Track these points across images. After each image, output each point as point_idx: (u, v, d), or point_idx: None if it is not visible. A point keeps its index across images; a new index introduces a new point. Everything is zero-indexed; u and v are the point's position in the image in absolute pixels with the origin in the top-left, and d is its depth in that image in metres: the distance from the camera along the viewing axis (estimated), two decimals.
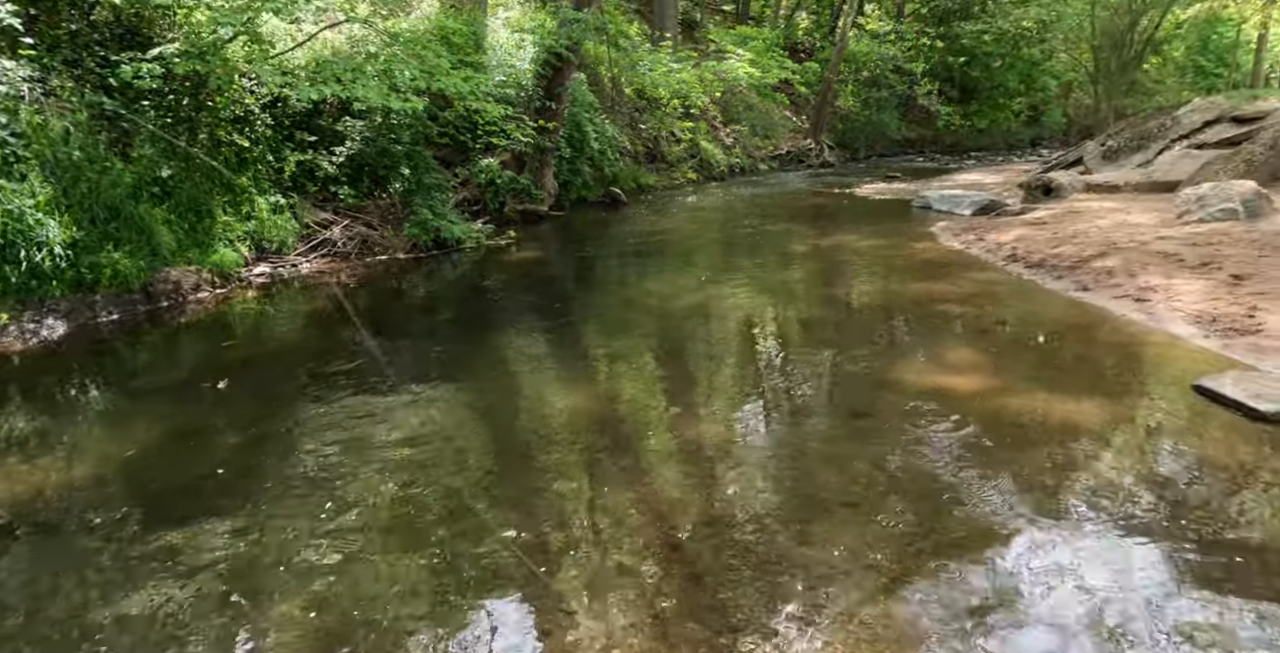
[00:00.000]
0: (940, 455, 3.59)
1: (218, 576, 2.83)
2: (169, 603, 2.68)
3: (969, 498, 3.21)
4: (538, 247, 9.88)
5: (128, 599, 2.71)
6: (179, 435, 4.20)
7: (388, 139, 9.68)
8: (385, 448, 3.88)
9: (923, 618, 2.50)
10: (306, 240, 8.58)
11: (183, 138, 8.07)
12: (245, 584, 2.78)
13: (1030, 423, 3.90)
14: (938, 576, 2.71)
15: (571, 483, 3.50)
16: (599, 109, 14.09)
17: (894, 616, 2.51)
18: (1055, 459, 3.52)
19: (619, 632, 2.47)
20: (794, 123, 22.47)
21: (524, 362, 5.40)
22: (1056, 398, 4.18)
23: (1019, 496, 3.22)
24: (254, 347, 6.07)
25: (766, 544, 2.92)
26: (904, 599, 2.59)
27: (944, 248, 8.56)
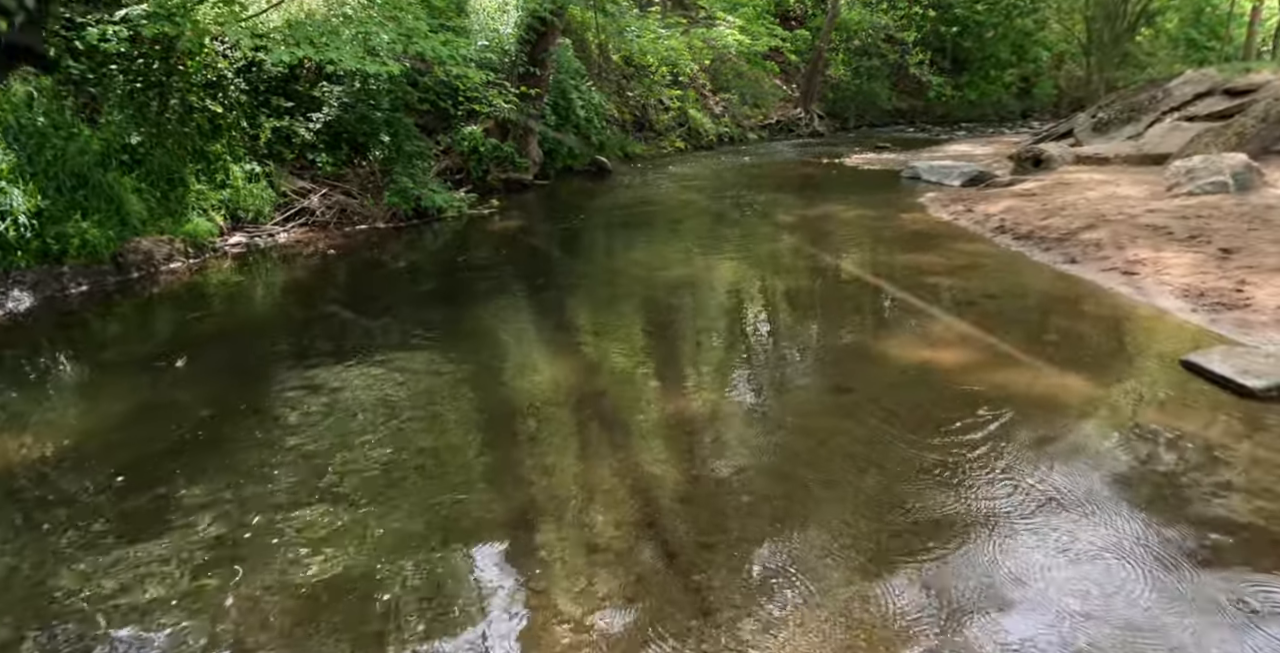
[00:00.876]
0: (921, 431, 3.54)
1: (192, 542, 2.75)
2: (143, 568, 2.60)
3: (950, 474, 3.16)
4: (522, 216, 9.71)
5: (103, 567, 2.63)
6: (149, 408, 4.10)
7: (367, 105, 9.43)
8: (361, 418, 3.79)
9: (901, 600, 2.45)
10: (284, 210, 8.38)
11: (153, 103, 7.81)
12: (221, 551, 2.70)
13: (1015, 398, 3.85)
14: (916, 555, 2.67)
15: (549, 455, 3.43)
16: (585, 76, 13.80)
17: (872, 597, 2.47)
18: (1039, 435, 3.47)
19: (595, 604, 2.41)
20: (784, 92, 22.14)
21: (505, 333, 5.29)
22: (1042, 372, 4.13)
23: (1002, 471, 3.18)
24: (228, 318, 5.94)
25: (743, 521, 2.87)
26: (882, 580, 2.54)
27: (932, 219, 8.46)
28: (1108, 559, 2.60)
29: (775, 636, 2.30)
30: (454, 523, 2.92)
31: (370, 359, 4.62)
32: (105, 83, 7.57)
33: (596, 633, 2.33)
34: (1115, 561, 2.59)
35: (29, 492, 3.27)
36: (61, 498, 3.19)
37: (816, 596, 2.46)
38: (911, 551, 2.69)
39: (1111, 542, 2.69)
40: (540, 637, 2.33)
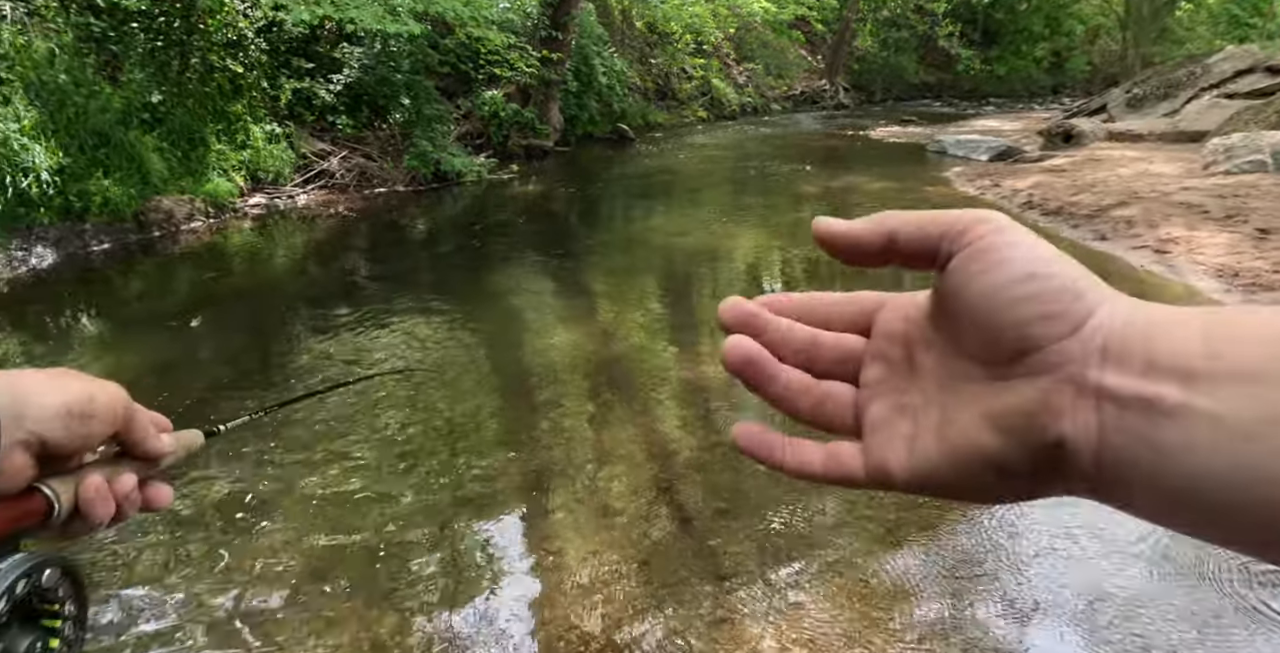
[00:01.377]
0: None
1: (209, 495, 2.78)
2: (163, 520, 2.63)
3: None
4: (541, 182, 9.63)
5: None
6: (169, 365, 4.13)
7: (387, 67, 9.33)
8: (378, 381, 3.79)
9: (916, 573, 2.43)
10: (303, 171, 8.35)
11: (174, 62, 7.77)
12: (238, 504, 2.72)
13: None
14: (934, 531, 2.64)
15: (566, 419, 3.42)
16: (608, 42, 13.58)
17: (887, 568, 2.45)
18: None
19: (609, 566, 2.41)
20: (809, 63, 21.73)
21: (523, 298, 5.27)
22: None
23: None
24: (247, 278, 5.95)
25: (761, 489, 2.85)
26: (899, 552, 2.52)
27: (958, 193, 8.30)
28: (1133, 542, 2.56)
29: (789, 602, 2.29)
30: (469, 484, 2.92)
31: (388, 322, 4.62)
32: (126, 41, 7.52)
33: (610, 594, 2.33)
34: (1131, 551, 2.55)
35: None
36: None
37: (833, 565, 2.45)
38: (932, 524, 2.66)
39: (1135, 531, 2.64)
40: (554, 597, 2.34)
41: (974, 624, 2.21)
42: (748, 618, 2.24)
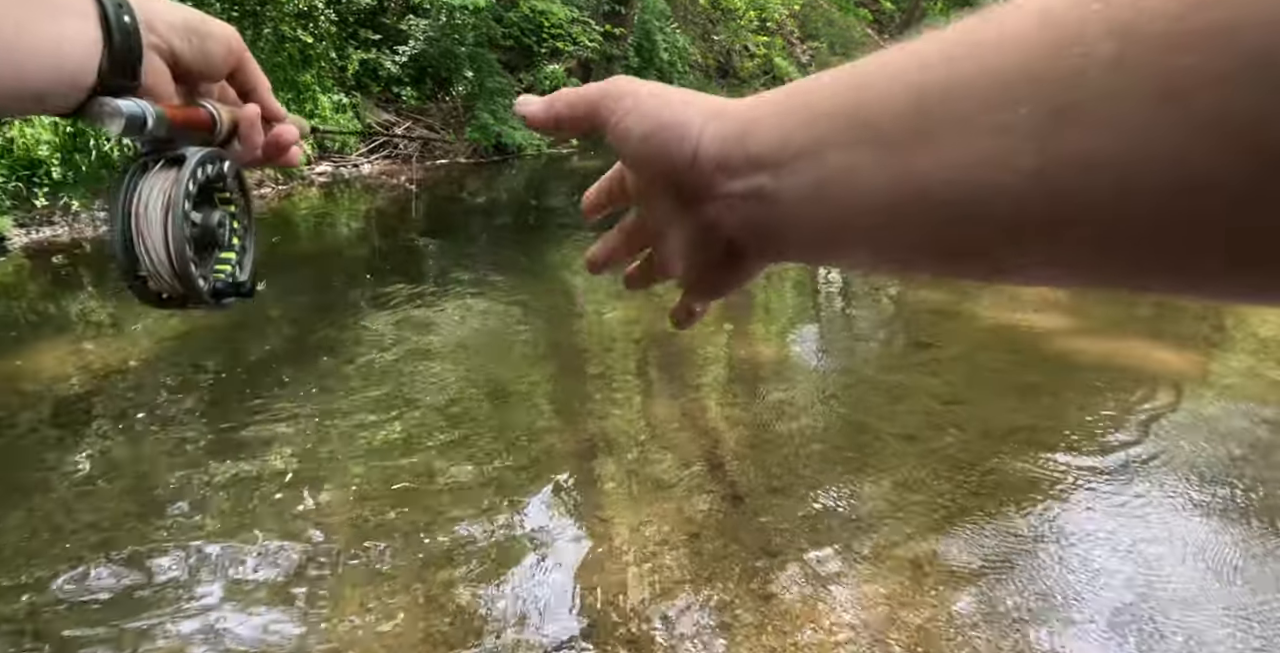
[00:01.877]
0: (1005, 392, 3.40)
1: (271, 455, 2.88)
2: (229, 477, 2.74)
3: (1035, 437, 3.04)
4: (600, 156, 9.62)
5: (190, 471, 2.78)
6: (240, 325, 4.27)
7: (451, 39, 9.38)
8: (437, 346, 3.87)
9: (968, 559, 2.39)
10: (368, 141, 8.50)
11: (247, 32, 7.95)
12: (299, 465, 2.82)
13: (1111, 367, 3.65)
14: (989, 517, 2.59)
15: (620, 391, 3.44)
16: (670, 18, 13.41)
17: (941, 553, 2.41)
18: (1133, 408, 3.30)
19: (660, 537, 2.43)
20: (875, 41, 21.15)
21: (578, 272, 5.29)
22: (1141, 344, 3.91)
23: (1089, 437, 3.04)
24: (313, 243, 6.11)
25: (815, 469, 2.83)
26: (952, 538, 2.48)
27: None
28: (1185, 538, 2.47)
29: (838, 582, 2.28)
30: (524, 451, 2.96)
31: (446, 291, 4.70)
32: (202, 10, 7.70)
33: (660, 564, 2.35)
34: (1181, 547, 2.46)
35: (129, 395, 3.46)
36: (158, 402, 3.36)
37: (883, 547, 2.42)
38: (986, 512, 2.61)
39: (1186, 527, 2.55)
40: (604, 564, 2.36)
41: (1020, 613, 2.17)
42: (796, 595, 2.23)
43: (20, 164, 5.89)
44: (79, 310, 4.56)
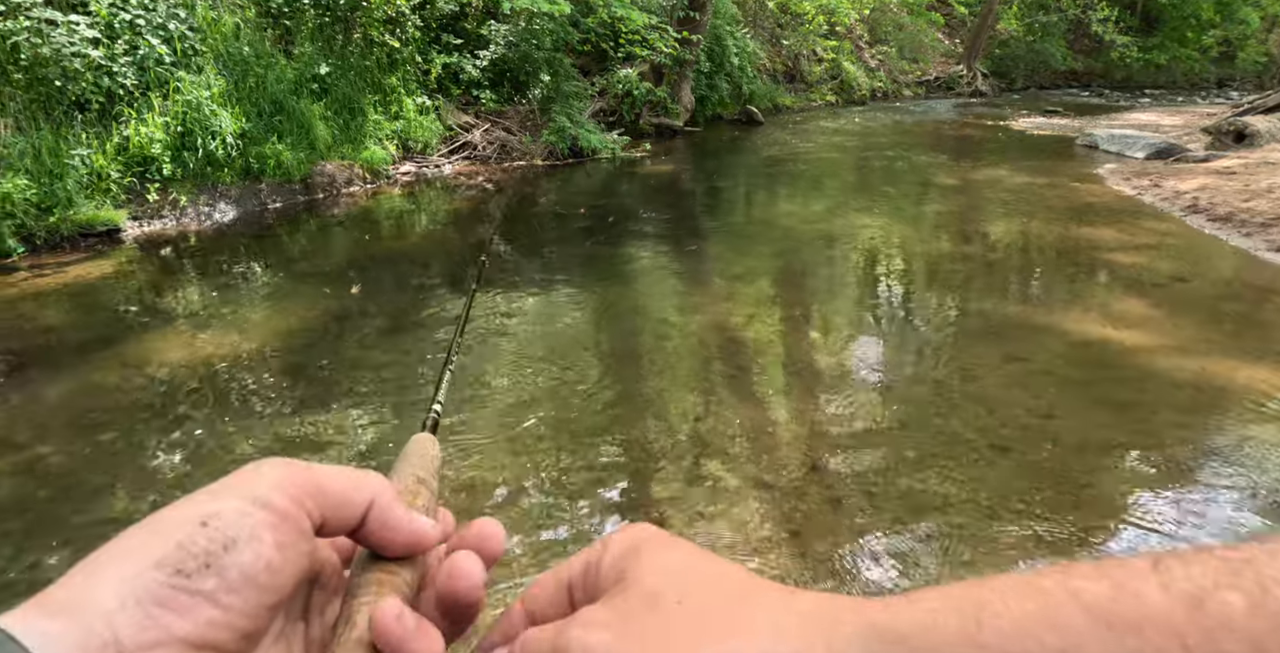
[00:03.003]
0: (1099, 407, 3.39)
1: (350, 442, 3.06)
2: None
3: (1130, 454, 3.03)
4: (672, 161, 9.73)
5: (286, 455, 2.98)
6: (332, 317, 4.50)
7: (530, 44, 9.62)
8: (517, 344, 4.02)
9: None
10: (449, 142, 8.77)
11: (339, 36, 8.29)
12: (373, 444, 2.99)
13: (1208, 386, 3.60)
14: (1090, 533, 2.60)
15: (712, 393, 3.54)
16: (740, 23, 13.47)
17: (1044, 565, 2.44)
18: (1230, 429, 3.26)
19: (760, 534, 2.52)
20: (946, 46, 20.82)
21: (654, 274, 5.41)
22: (1237, 363, 3.83)
23: (1189, 461, 3.02)
24: (398, 240, 6.36)
25: (909, 476, 2.88)
26: (1053, 549, 2.51)
27: (1111, 192, 7.85)
28: None
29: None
30: (620, 448, 3.08)
31: (524, 289, 4.86)
32: (299, 16, 8.07)
33: (764, 561, 2.44)
34: None
35: (225, 380, 3.69)
36: (250, 387, 3.59)
37: (989, 556, 2.46)
38: (1086, 526, 2.63)
39: None
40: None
41: None
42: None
43: (134, 161, 6.28)
44: (184, 300, 4.86)
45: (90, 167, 5.92)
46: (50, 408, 3.41)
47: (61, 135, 5.81)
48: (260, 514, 0.34)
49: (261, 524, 0.33)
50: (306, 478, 0.36)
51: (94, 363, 3.86)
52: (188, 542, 0.32)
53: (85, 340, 4.19)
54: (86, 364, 3.85)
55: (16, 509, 2.70)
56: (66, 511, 2.69)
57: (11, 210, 5.35)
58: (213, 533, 0.32)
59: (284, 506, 0.35)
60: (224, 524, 0.33)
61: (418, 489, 0.44)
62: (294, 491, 0.35)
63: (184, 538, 0.32)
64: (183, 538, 0.32)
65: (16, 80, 5.68)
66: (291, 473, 0.36)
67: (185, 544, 0.32)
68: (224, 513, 0.33)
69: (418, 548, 0.40)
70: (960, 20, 21.35)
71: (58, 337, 4.29)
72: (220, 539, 0.32)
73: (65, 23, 5.80)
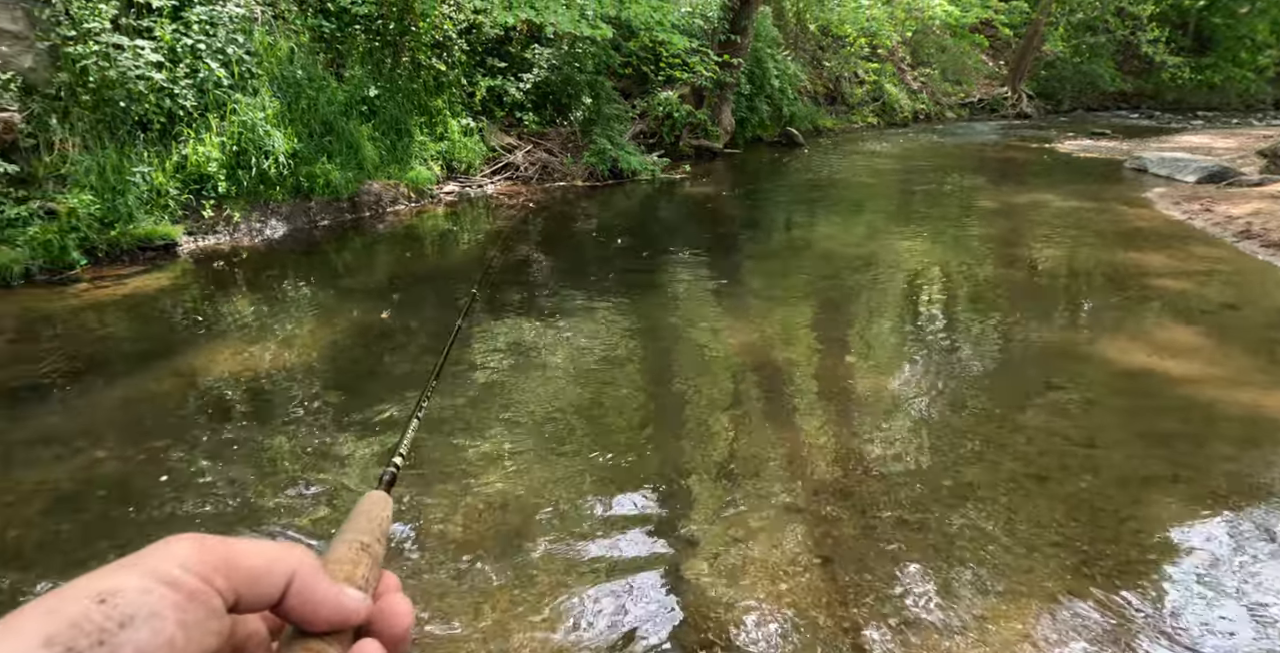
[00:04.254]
0: (1142, 438, 3.32)
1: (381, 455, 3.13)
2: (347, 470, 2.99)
3: (1175, 488, 2.95)
4: (711, 183, 9.79)
5: (328, 465, 3.06)
6: (378, 332, 4.61)
7: (572, 67, 9.81)
8: (551, 361, 4.07)
9: (1112, 606, 2.36)
10: (492, 163, 8.96)
11: (388, 60, 8.56)
12: (418, 463, 3.05)
13: (1258, 418, 3.50)
14: (1131, 567, 2.54)
15: (746, 416, 3.54)
16: (781, 45, 13.55)
17: (1082, 597, 2.39)
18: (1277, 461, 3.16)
19: (791, 558, 2.51)
20: (990, 68, 20.64)
21: (692, 295, 5.44)
22: None
23: (1236, 496, 2.93)
24: (440, 258, 6.50)
25: (944, 503, 2.84)
26: (1092, 582, 2.45)
27: (1160, 216, 7.68)
28: None
29: (973, 616, 2.29)
30: (652, 468, 3.10)
31: (562, 308, 4.92)
32: (350, 41, 8.36)
33: (795, 585, 2.43)
34: None
35: (269, 389, 3.80)
36: (294, 397, 3.69)
37: (1018, 589, 2.42)
38: (1127, 560, 2.57)
39: None
40: (737, 580, 2.46)
41: None
42: (931, 626, 2.26)
43: (192, 179, 6.54)
44: (234, 313, 5.02)
45: (150, 184, 6.17)
46: (107, 414, 3.55)
47: (124, 154, 6.08)
48: (162, 591, 0.33)
49: (164, 602, 0.33)
50: (219, 554, 0.36)
51: (149, 372, 4.02)
52: (82, 619, 0.31)
53: (141, 350, 4.36)
54: (142, 373, 4.00)
55: (73, 509, 2.81)
56: (121, 512, 2.80)
57: (76, 225, 5.60)
58: (109, 610, 0.31)
59: (190, 583, 0.34)
60: (123, 602, 0.32)
61: (358, 558, 0.43)
62: (202, 567, 0.35)
63: (78, 615, 0.31)
64: (77, 615, 0.31)
65: (85, 101, 5.97)
66: (202, 549, 0.35)
67: (79, 622, 0.31)
68: (124, 590, 0.32)
69: (343, 624, 0.39)
70: (1005, 42, 21.15)
71: (115, 346, 4.47)
72: (116, 617, 0.31)
73: (131, 47, 6.10)
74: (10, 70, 5.66)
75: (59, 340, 4.54)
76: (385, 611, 0.43)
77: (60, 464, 3.11)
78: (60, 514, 2.80)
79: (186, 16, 6.64)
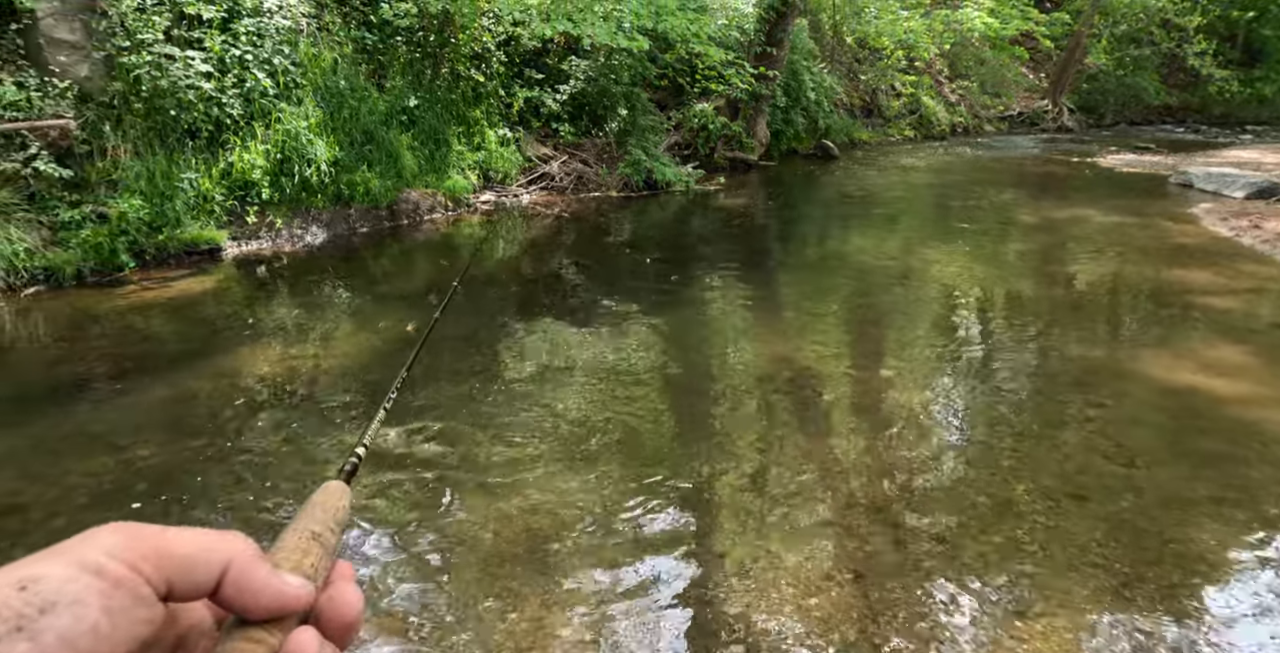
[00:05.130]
0: (1186, 459, 3.22)
1: (415, 462, 3.16)
2: (382, 474, 3.03)
3: (1221, 513, 2.87)
4: (745, 195, 9.79)
5: (361, 464, 3.09)
6: (411, 339, 4.68)
7: (609, 79, 9.88)
8: (582, 370, 4.09)
9: (1152, 629, 2.29)
10: (527, 173, 9.05)
11: (428, 71, 8.71)
12: (443, 472, 3.07)
13: None
14: (1172, 590, 2.46)
15: (778, 429, 3.52)
16: (817, 57, 13.52)
17: (1123, 622, 2.32)
18: None
19: (824, 572, 2.48)
20: (1030, 81, 20.35)
21: (725, 307, 5.43)
22: None
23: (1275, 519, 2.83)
24: (476, 267, 6.56)
25: (980, 521, 2.79)
26: (1132, 604, 2.38)
27: (1207, 232, 7.50)
28: None
29: (1010, 636, 2.24)
30: (683, 480, 3.09)
31: (594, 317, 4.94)
32: (391, 52, 8.53)
33: (825, 599, 2.40)
34: None
35: (304, 392, 3.86)
36: (327, 401, 3.74)
37: (1057, 611, 2.36)
38: (1169, 583, 2.49)
39: None
40: (768, 594, 2.44)
41: None
42: (963, 646, 2.22)
43: (237, 185, 6.70)
44: (274, 316, 5.12)
45: (197, 189, 6.34)
46: (149, 412, 3.64)
47: (173, 160, 6.26)
48: (87, 579, 0.33)
49: (88, 589, 0.33)
50: (150, 543, 0.36)
51: (191, 371, 4.12)
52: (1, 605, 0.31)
53: (184, 351, 4.47)
54: (184, 372, 4.10)
55: (117, 503, 2.88)
56: (159, 508, 2.86)
57: (126, 228, 5.77)
58: (29, 597, 0.32)
59: (117, 571, 0.34)
60: (44, 589, 0.32)
61: (308, 547, 0.42)
62: (129, 555, 0.35)
63: None
64: None
65: (137, 109, 6.17)
66: (130, 537, 0.35)
67: None
68: (47, 577, 0.32)
69: (283, 611, 0.39)
70: (1045, 54, 20.85)
71: (160, 346, 4.59)
72: (37, 603, 0.32)
73: (182, 58, 6.29)
74: (68, 79, 5.87)
75: (106, 340, 4.68)
76: (334, 599, 0.42)
77: (104, 459, 3.20)
78: (102, 507, 2.87)
79: (235, 28, 6.84)
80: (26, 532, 2.75)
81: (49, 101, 5.74)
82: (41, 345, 4.65)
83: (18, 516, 2.84)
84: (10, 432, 3.45)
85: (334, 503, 0.47)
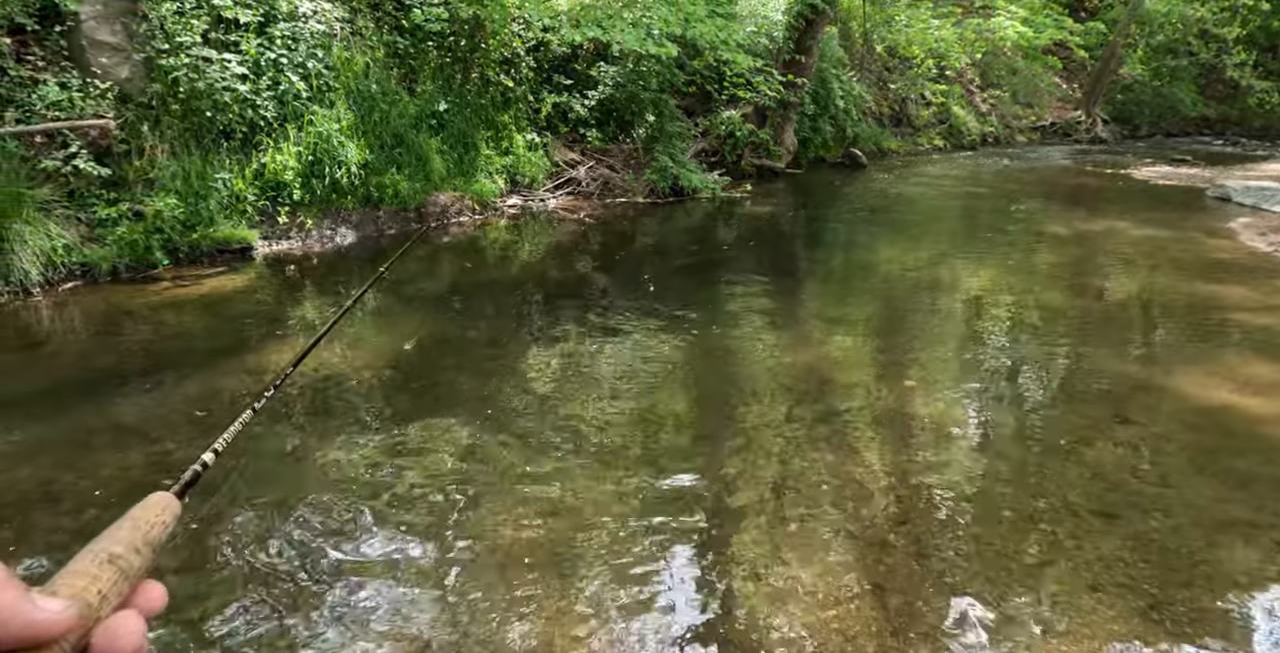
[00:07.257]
0: (1218, 478, 3.15)
1: (433, 466, 3.17)
2: (404, 476, 3.05)
3: (1256, 537, 2.80)
4: (771, 203, 9.75)
5: (375, 467, 3.12)
6: (435, 338, 4.71)
7: (637, 85, 9.91)
8: (606, 375, 4.09)
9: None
10: (554, 178, 9.10)
11: (458, 76, 8.80)
12: (439, 490, 3.09)
13: None
14: (1204, 615, 2.41)
15: (801, 440, 3.49)
16: (846, 66, 13.47)
17: (1149, 642, 2.27)
18: None
19: (842, 584, 2.45)
20: (1063, 91, 20.10)
21: (749, 314, 5.40)
22: None
23: None
24: (500, 270, 6.61)
25: (1004, 538, 2.75)
26: (1159, 626, 2.33)
27: (1244, 247, 7.34)
28: None
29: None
30: (705, 485, 3.08)
31: (618, 323, 4.95)
32: (422, 57, 8.62)
33: (844, 612, 2.37)
34: None
35: (330, 391, 3.90)
36: (360, 397, 3.78)
37: (1085, 627, 2.31)
38: (1200, 606, 2.43)
39: None
40: (786, 606, 2.42)
41: None
42: None
43: (269, 186, 6.81)
44: (302, 314, 5.19)
45: (230, 189, 6.45)
46: (179, 407, 3.70)
47: (208, 160, 6.38)
48: None
49: None
50: None
51: (220, 368, 4.18)
52: None
53: (214, 347, 4.55)
54: (213, 369, 4.17)
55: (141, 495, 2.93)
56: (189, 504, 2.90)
57: (161, 226, 5.89)
58: None
59: None
60: None
61: (99, 572, 0.39)
62: None
63: None
64: None
65: (174, 110, 6.29)
66: None
67: None
68: None
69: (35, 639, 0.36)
70: (1079, 64, 20.57)
71: (191, 342, 4.67)
72: None
73: (219, 60, 6.41)
74: (109, 80, 6.01)
75: (139, 335, 4.77)
76: (109, 627, 0.39)
77: (134, 452, 3.26)
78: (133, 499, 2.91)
79: (271, 32, 6.95)
80: (59, 525, 2.80)
81: (90, 102, 5.88)
82: (77, 339, 4.75)
83: (49, 506, 2.90)
84: (45, 423, 3.52)
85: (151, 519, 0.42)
